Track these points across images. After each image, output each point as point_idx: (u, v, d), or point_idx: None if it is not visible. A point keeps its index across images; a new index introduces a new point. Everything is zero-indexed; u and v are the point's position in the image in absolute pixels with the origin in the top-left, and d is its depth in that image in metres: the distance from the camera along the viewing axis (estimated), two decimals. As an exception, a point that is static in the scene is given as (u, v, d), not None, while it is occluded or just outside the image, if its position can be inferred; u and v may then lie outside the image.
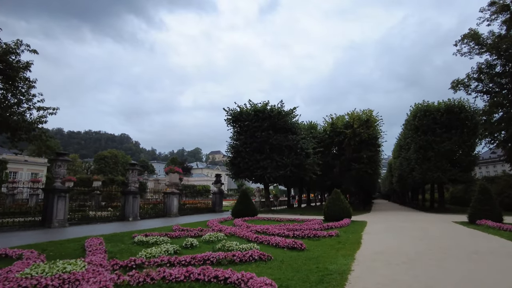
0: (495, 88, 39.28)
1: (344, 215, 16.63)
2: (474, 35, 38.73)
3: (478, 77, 39.61)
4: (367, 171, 26.55)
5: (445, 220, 17.00)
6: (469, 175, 24.45)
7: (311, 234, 10.47)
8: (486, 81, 39.06)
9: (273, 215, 23.09)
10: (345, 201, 17.20)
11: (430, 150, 24.60)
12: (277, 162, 24.09)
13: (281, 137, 24.59)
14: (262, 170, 24.19)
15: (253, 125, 24.63)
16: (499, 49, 35.41)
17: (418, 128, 25.42)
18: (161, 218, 20.79)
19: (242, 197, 19.47)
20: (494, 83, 39.70)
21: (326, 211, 17.23)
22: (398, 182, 40.45)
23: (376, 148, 27.71)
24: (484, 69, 38.86)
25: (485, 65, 38.77)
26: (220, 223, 16.33)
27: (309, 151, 24.73)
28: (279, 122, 24.58)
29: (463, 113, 24.29)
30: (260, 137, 24.33)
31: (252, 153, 24.70)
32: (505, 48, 35.54)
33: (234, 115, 25.62)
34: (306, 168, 24.82)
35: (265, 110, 24.90)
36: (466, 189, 35.12)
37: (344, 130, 27.64)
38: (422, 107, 25.68)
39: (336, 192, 17.49)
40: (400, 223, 15.53)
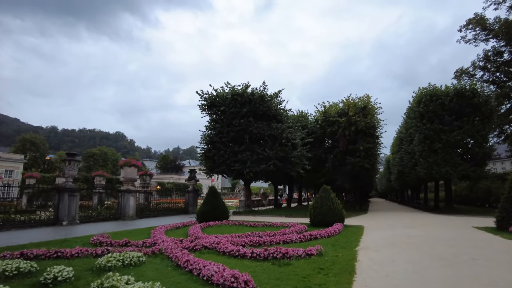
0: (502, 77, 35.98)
1: (334, 219, 13.03)
2: (480, 20, 35.45)
3: (484, 65, 36.23)
4: (363, 166, 22.90)
5: (463, 225, 13.38)
6: (483, 170, 20.85)
7: (279, 254, 6.78)
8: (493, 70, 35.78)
9: (251, 217, 19.49)
10: (336, 200, 13.56)
11: (437, 141, 20.99)
12: (259, 154, 20.37)
13: (263, 125, 20.86)
14: (241, 164, 20.46)
15: (230, 111, 20.88)
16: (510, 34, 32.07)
17: (423, 115, 21.79)
18: (112, 221, 17.05)
19: (209, 196, 15.77)
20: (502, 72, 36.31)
21: (312, 213, 13.61)
22: (397, 179, 36.89)
23: (374, 140, 24.06)
24: (491, 56, 35.55)
25: (492, 52, 35.48)
26: (172, 230, 12.65)
27: (296, 141, 21.01)
28: (261, 107, 20.84)
29: (476, 98, 20.68)
30: (239, 125, 20.60)
31: (229, 144, 20.96)
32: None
33: (209, 100, 21.84)
34: (293, 162, 21.11)
35: (245, 94, 21.15)
36: (472, 187, 31.67)
37: (338, 119, 23.97)
38: (428, 91, 22.05)
39: (325, 189, 13.85)
40: (407, 230, 11.88)
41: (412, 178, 26.54)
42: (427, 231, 11.45)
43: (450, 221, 15.31)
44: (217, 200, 15.65)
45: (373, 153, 23.90)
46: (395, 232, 11.42)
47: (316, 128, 26.94)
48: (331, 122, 24.93)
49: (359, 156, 23.04)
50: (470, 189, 31.79)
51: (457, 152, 21.29)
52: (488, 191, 28.24)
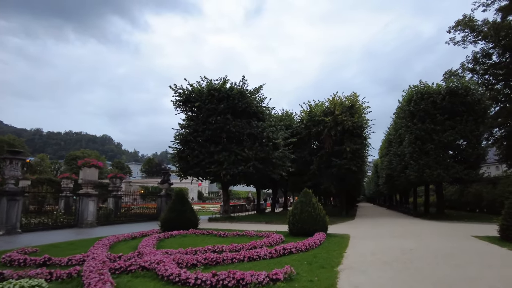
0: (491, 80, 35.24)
1: (316, 227, 11.30)
2: (469, 21, 34.72)
3: (473, 67, 35.46)
4: (350, 168, 21.30)
5: (461, 234, 11.80)
6: (477, 174, 19.50)
7: (232, 281, 4.97)
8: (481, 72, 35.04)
9: (227, 224, 17.68)
10: (318, 206, 11.84)
11: (429, 142, 19.57)
12: (237, 155, 18.55)
13: (242, 123, 19.07)
14: (217, 166, 18.58)
15: (207, 108, 19.02)
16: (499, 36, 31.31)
17: (414, 114, 20.38)
18: (67, 229, 14.97)
19: (175, 201, 13.83)
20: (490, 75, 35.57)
21: (291, 221, 11.85)
22: (385, 183, 35.53)
23: (361, 141, 22.52)
24: (480, 58, 34.81)
25: (481, 54, 34.73)
26: (125, 241, 10.74)
27: (278, 141, 19.27)
28: (241, 104, 19.05)
29: (470, 96, 19.38)
30: (215, 122, 18.76)
31: (205, 144, 19.08)
32: (504, 36, 31.50)
33: (184, 95, 19.93)
34: (274, 163, 19.35)
35: (223, 89, 19.34)
36: (462, 191, 30.51)
37: (323, 118, 22.36)
38: (419, 89, 20.67)
39: (306, 193, 12.12)
40: (400, 241, 10.22)
41: (402, 182, 25.12)
42: (423, 242, 9.79)
43: (445, 229, 13.76)
44: (184, 206, 13.72)
45: (361, 155, 22.37)
46: (385, 243, 9.73)
47: (301, 129, 25.31)
48: (316, 122, 23.32)
49: (346, 157, 21.46)
50: (460, 193, 30.61)
51: (449, 154, 19.94)
52: (478, 196, 27.05)
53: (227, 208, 20.83)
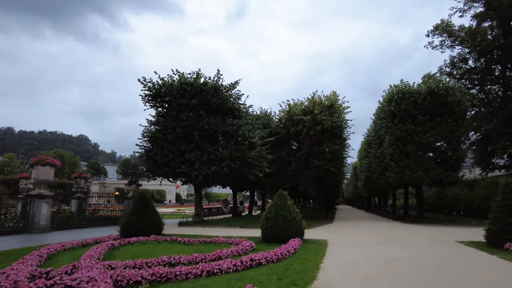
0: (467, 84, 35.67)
1: (291, 233, 10.24)
2: (446, 26, 35.10)
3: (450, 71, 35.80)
4: (329, 169, 20.47)
5: (445, 240, 11.05)
6: (457, 176, 19.11)
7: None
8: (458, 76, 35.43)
9: (198, 229, 16.41)
10: (294, 209, 10.79)
11: (410, 143, 19.03)
12: (210, 154, 17.28)
13: (216, 120, 17.83)
14: (189, 166, 17.25)
15: (178, 103, 17.65)
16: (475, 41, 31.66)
17: (395, 115, 19.82)
18: (14, 235, 13.27)
19: (137, 204, 12.46)
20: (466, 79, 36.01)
21: (264, 226, 10.72)
22: (364, 186, 35.14)
23: (341, 141, 21.78)
24: (457, 62, 35.20)
25: (458, 59, 35.12)
26: (72, 250, 9.31)
27: (254, 140, 18.14)
28: (215, 99, 17.81)
29: (450, 97, 19.01)
30: (187, 119, 17.42)
31: (175, 142, 17.71)
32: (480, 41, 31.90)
33: (153, 89, 18.48)
34: (250, 164, 18.19)
35: (196, 83, 18.04)
36: (439, 194, 30.45)
37: (302, 117, 21.46)
38: (400, 89, 20.14)
39: (281, 195, 11.04)
40: (382, 249, 9.29)
41: (381, 184, 24.62)
42: (407, 250, 8.90)
43: (428, 234, 13.03)
44: (147, 209, 12.35)
45: (340, 156, 21.60)
46: (367, 251, 8.76)
47: (280, 129, 24.33)
48: (295, 121, 22.40)
49: (325, 158, 20.62)
50: (438, 196, 30.55)
51: (429, 156, 19.47)
52: (456, 199, 26.96)
53: (200, 211, 19.47)
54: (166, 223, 21.40)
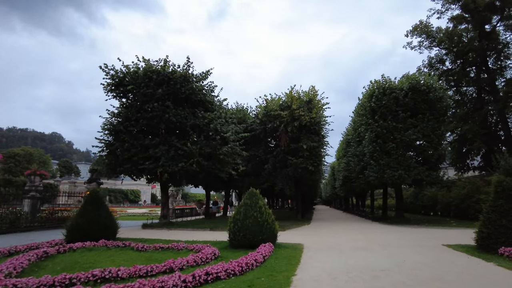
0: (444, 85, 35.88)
1: (262, 237, 8.93)
2: (424, 28, 35.16)
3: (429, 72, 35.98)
4: (307, 168, 19.36)
5: (431, 244, 10.04)
6: (438, 175, 18.44)
7: None
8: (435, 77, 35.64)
9: (163, 232, 14.85)
10: (266, 210, 9.47)
11: (390, 141, 18.20)
12: (177, 149, 15.69)
13: (185, 112, 16.27)
14: (153, 162, 15.59)
15: (142, 92, 15.95)
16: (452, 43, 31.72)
17: (375, 111, 18.95)
18: None
19: (86, 204, 10.78)
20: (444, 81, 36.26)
21: (231, 229, 9.32)
22: (342, 186, 34.41)
23: (319, 138, 20.73)
24: (435, 63, 35.31)
25: (435, 60, 35.22)
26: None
27: (227, 135, 16.68)
28: (184, 89, 16.24)
29: (432, 93, 18.35)
30: (152, 110, 15.76)
31: (138, 136, 16.01)
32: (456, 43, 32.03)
33: (116, 77, 16.68)
34: (222, 160, 16.73)
35: (163, 72, 16.40)
36: (417, 194, 30.15)
37: (280, 112, 20.25)
38: (381, 85, 19.31)
39: (252, 194, 9.72)
40: (365, 255, 8.11)
41: (360, 184, 23.79)
42: (393, 257, 7.75)
43: (411, 237, 12.05)
44: (98, 210, 10.67)
45: (318, 153, 20.53)
46: (348, 259, 7.54)
47: (256, 125, 23.02)
48: (272, 117, 21.16)
49: (302, 156, 19.48)
50: (416, 196, 30.24)
51: (410, 154, 18.72)
52: (434, 199, 26.64)
53: (166, 213, 17.77)
54: (130, 225, 19.70)
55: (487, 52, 32.21)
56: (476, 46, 30.79)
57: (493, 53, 33.03)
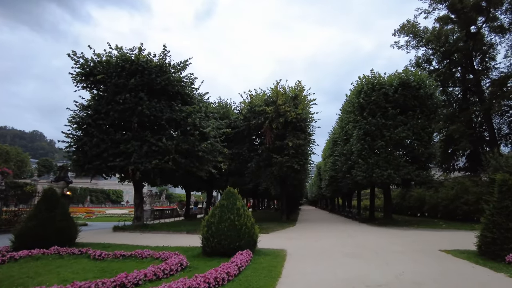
0: (430, 85, 35.65)
1: (240, 243, 7.80)
2: (412, 27, 34.88)
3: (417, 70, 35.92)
4: (292, 166, 18.32)
5: (427, 249, 9.09)
6: (428, 175, 17.70)
7: None
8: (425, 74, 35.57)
9: (135, 235, 13.53)
10: (245, 212, 8.39)
11: (379, 139, 17.37)
12: (151, 145, 14.37)
13: (160, 105, 14.95)
14: (125, 159, 14.22)
15: (113, 82, 14.55)
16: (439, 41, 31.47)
17: (364, 107, 18.09)
18: None
19: (39, 204, 9.39)
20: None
21: (205, 234, 8.14)
22: (328, 186, 33.62)
23: (305, 136, 19.72)
24: (422, 63, 35.04)
25: (422, 59, 34.96)
26: None
27: (207, 130, 15.44)
28: (160, 80, 14.92)
29: (423, 89, 17.63)
30: (124, 102, 14.38)
31: (109, 130, 14.62)
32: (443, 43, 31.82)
33: (86, 66, 15.22)
34: (201, 158, 15.48)
35: (137, 61, 15.03)
36: (404, 195, 29.61)
37: (264, 108, 19.15)
38: (370, 80, 18.47)
39: (229, 194, 8.56)
40: (356, 264, 7.07)
41: (347, 184, 22.97)
42: (389, 266, 6.72)
43: (403, 240, 11.13)
44: (53, 212, 9.28)
45: (304, 152, 19.51)
46: (337, 269, 6.48)
47: (240, 121, 21.86)
48: (256, 113, 20.05)
49: (288, 154, 18.43)
50: (402, 197, 29.70)
51: (399, 153, 17.95)
52: (421, 200, 26.09)
53: (140, 214, 16.37)
54: (102, 227, 18.17)
55: (472, 53, 32.17)
56: (462, 46, 30.64)
57: (478, 54, 33.04)
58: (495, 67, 33.19)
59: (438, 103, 18.27)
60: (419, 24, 34.21)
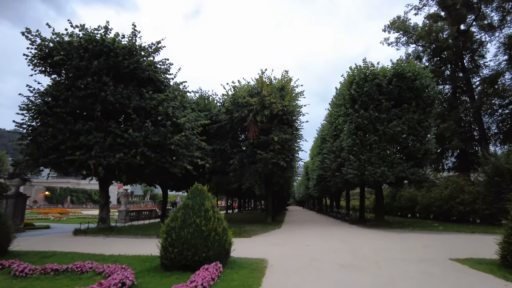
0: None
1: (208, 254, 6.10)
2: (402, 24, 34.08)
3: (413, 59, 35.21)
4: (278, 163, 16.74)
5: (437, 259, 7.60)
6: (425, 173, 16.36)
7: None
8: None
9: (97, 240, 11.74)
10: (216, 215, 6.70)
11: (372, 133, 15.97)
12: (116, 137, 12.53)
13: (128, 91, 13.12)
14: (85, 152, 12.34)
15: (74, 65, 12.64)
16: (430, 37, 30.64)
17: (356, 99, 16.66)
18: None
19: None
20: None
21: (163, 243, 6.43)
22: (316, 185, 32.21)
23: (292, 130, 18.19)
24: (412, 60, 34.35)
25: (413, 56, 34.09)
26: None
27: (180, 120, 13.65)
28: (127, 63, 13.09)
29: (419, 81, 16.32)
30: (86, 87, 12.50)
31: (67, 119, 12.70)
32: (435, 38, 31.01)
33: (44, 47, 13.24)
34: (175, 152, 13.68)
35: (102, 41, 13.16)
36: (394, 195, 28.43)
37: (248, 99, 17.52)
38: (362, 70, 17.05)
39: (196, 192, 6.91)
40: (354, 280, 5.52)
41: (336, 183, 21.51)
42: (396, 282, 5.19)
43: (402, 246, 9.67)
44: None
45: (290, 148, 17.95)
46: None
47: (221, 114, 20.16)
48: (240, 105, 18.41)
49: (273, 150, 16.85)
50: (392, 197, 28.51)
51: (394, 149, 16.59)
52: (412, 200, 24.93)
53: (105, 216, 14.46)
54: (64, 230, 16.08)
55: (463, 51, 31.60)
56: (452, 44, 29.94)
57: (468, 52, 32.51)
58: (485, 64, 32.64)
59: (434, 96, 17.00)
60: (409, 20, 33.56)
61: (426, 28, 31.00)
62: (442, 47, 30.34)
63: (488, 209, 16.07)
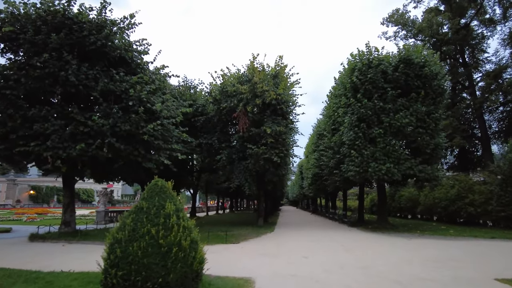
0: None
1: (166, 279, 4.10)
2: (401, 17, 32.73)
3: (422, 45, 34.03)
4: (270, 158, 14.86)
5: (479, 278, 5.84)
6: (434, 170, 14.60)
7: None
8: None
9: (55, 247, 9.99)
10: (182, 222, 4.68)
11: (377, 125, 14.21)
12: (78, 124, 10.54)
13: (95, 71, 11.11)
14: (42, 143, 10.33)
15: (29, 39, 10.61)
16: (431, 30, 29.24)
17: (358, 88, 14.87)
18: None
19: None
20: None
21: (107, 261, 4.46)
22: (311, 185, 30.41)
23: (287, 122, 16.34)
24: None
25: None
26: None
27: (156, 106, 11.63)
28: (94, 39, 11.09)
29: (428, 67, 14.61)
30: (44, 66, 10.49)
31: (21, 104, 10.65)
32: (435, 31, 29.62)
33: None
34: (149, 144, 11.68)
35: (63, 13, 11.14)
36: (393, 195, 26.79)
37: (238, 86, 15.63)
38: (364, 55, 15.27)
39: (154, 190, 4.88)
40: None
41: (334, 182, 19.73)
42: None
43: (422, 257, 7.85)
44: None
45: (285, 141, 16.05)
46: None
47: (208, 104, 18.23)
48: (229, 94, 16.51)
49: (265, 144, 14.97)
50: (391, 197, 26.85)
51: (400, 143, 14.82)
52: (413, 200, 23.31)
53: (69, 219, 12.39)
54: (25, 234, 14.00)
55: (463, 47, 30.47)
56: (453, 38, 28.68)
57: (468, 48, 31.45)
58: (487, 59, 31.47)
59: (445, 85, 15.31)
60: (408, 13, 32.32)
61: (427, 20, 29.65)
62: (443, 41, 28.98)
63: (503, 211, 14.47)
